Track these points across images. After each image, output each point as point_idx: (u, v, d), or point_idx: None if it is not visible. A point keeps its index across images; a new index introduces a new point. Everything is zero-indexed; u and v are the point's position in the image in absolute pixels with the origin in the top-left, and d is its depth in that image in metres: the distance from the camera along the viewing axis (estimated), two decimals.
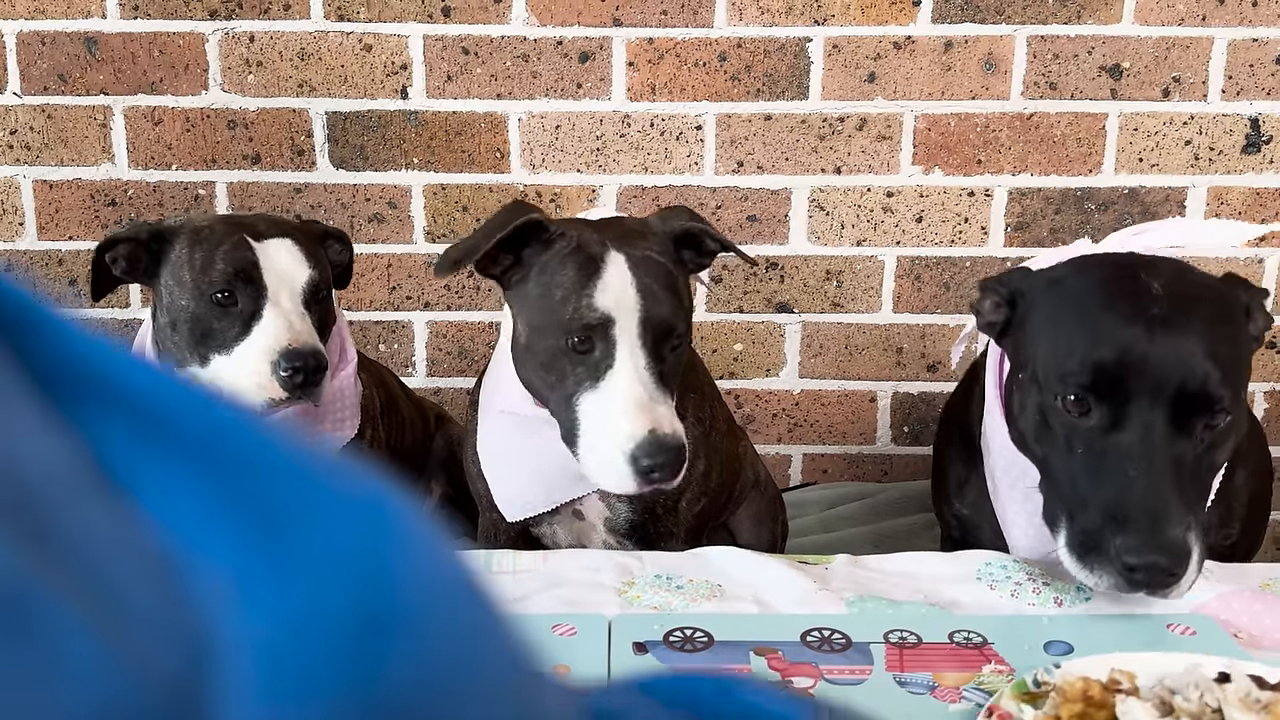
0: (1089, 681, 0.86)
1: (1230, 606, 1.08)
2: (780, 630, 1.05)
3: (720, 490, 1.56)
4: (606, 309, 1.21)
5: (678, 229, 1.31)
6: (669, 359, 1.25)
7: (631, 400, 1.19)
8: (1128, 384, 1.06)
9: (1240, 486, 1.30)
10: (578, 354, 1.23)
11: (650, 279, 1.23)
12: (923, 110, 2.18)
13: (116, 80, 2.17)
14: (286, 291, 1.48)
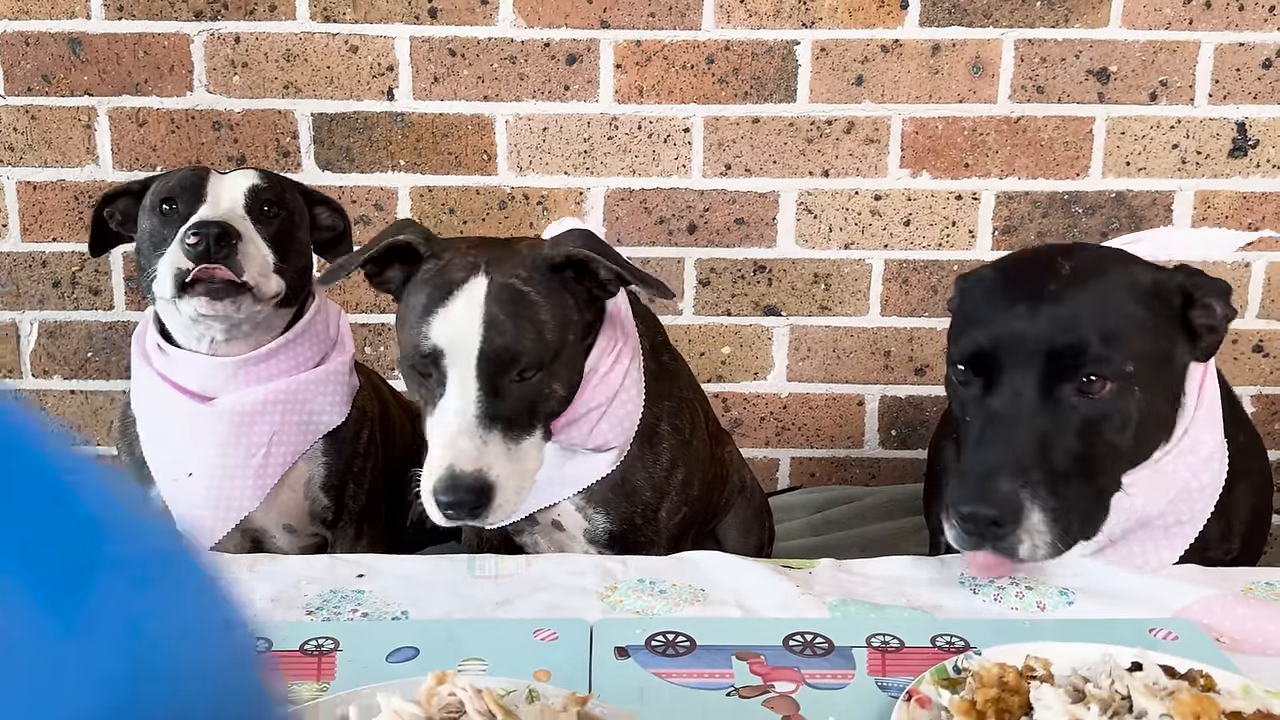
0: (1005, 668, 0.86)
1: (1213, 610, 1.08)
2: (762, 634, 1.04)
3: (703, 498, 1.55)
4: (439, 339, 1.20)
5: (559, 255, 1.26)
6: (511, 391, 1.21)
7: (444, 434, 1.19)
8: (1000, 356, 1.13)
9: (1240, 501, 1.28)
10: (421, 376, 1.25)
11: (499, 308, 1.20)
12: (910, 113, 2.17)
13: (101, 81, 2.16)
14: (228, 198, 1.49)
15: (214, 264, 1.41)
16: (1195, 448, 1.22)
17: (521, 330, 1.21)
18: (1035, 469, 1.08)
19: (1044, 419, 1.11)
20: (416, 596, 1.13)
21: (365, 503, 1.69)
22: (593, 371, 1.33)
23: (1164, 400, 1.18)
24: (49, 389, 2.30)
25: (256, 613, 1.09)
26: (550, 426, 1.30)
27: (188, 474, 1.53)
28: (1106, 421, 1.12)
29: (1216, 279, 1.18)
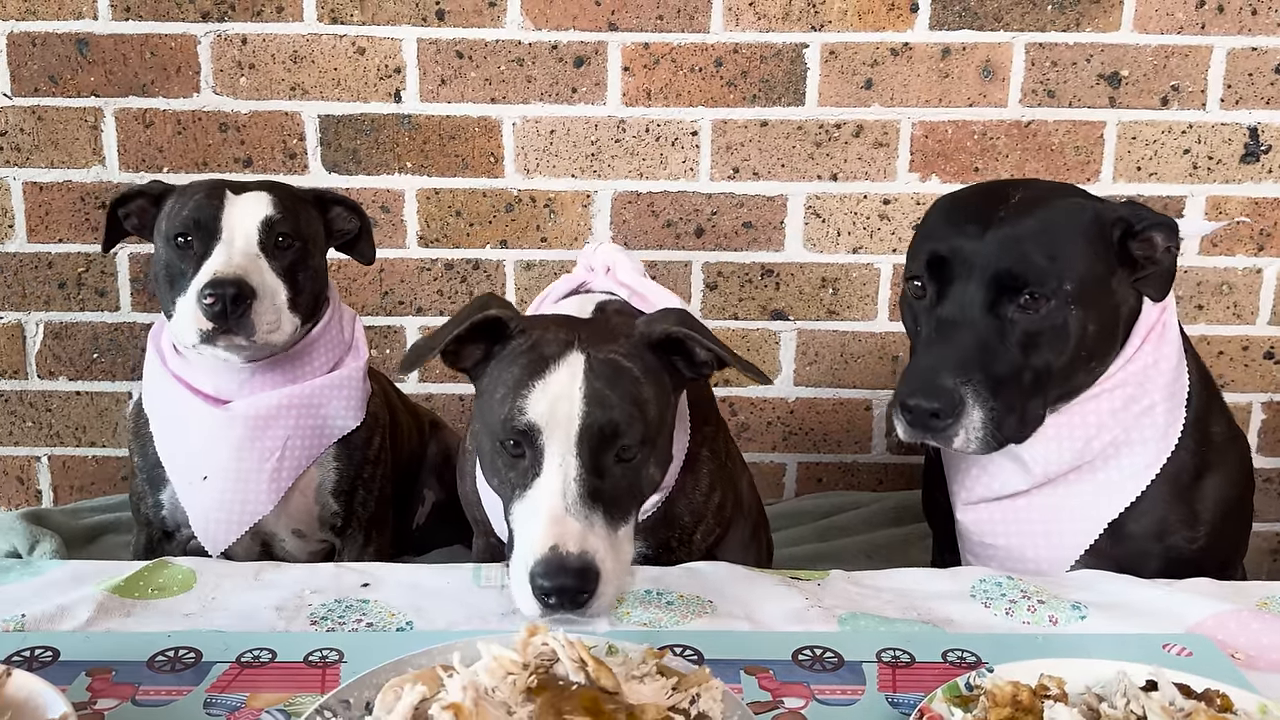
0: (1019, 686, 0.85)
1: (1227, 626, 1.07)
2: (771, 649, 1.03)
3: (733, 517, 1.51)
4: (537, 415, 1.11)
5: (658, 333, 1.18)
6: (613, 470, 1.12)
7: (544, 513, 1.07)
8: (952, 267, 1.23)
9: (1208, 491, 1.32)
10: (512, 457, 1.14)
11: (603, 383, 1.12)
12: (920, 117, 2.16)
13: (108, 82, 2.15)
14: (241, 234, 1.49)
15: (229, 327, 1.42)
16: (1138, 396, 1.27)
17: (625, 406, 1.12)
18: (977, 370, 1.18)
19: (987, 329, 1.21)
20: (421, 606, 1.12)
21: (374, 509, 1.69)
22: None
23: (1103, 324, 1.25)
24: (54, 390, 2.29)
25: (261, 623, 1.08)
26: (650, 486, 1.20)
27: (203, 478, 1.52)
28: (1045, 336, 1.21)
29: (1161, 214, 1.25)
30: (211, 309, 1.41)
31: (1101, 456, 1.27)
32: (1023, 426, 1.22)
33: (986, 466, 1.31)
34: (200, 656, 1.00)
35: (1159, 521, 1.29)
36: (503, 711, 0.77)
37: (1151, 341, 1.29)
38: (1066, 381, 1.25)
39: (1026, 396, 1.21)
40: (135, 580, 1.15)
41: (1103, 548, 1.28)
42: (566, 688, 0.81)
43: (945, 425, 1.18)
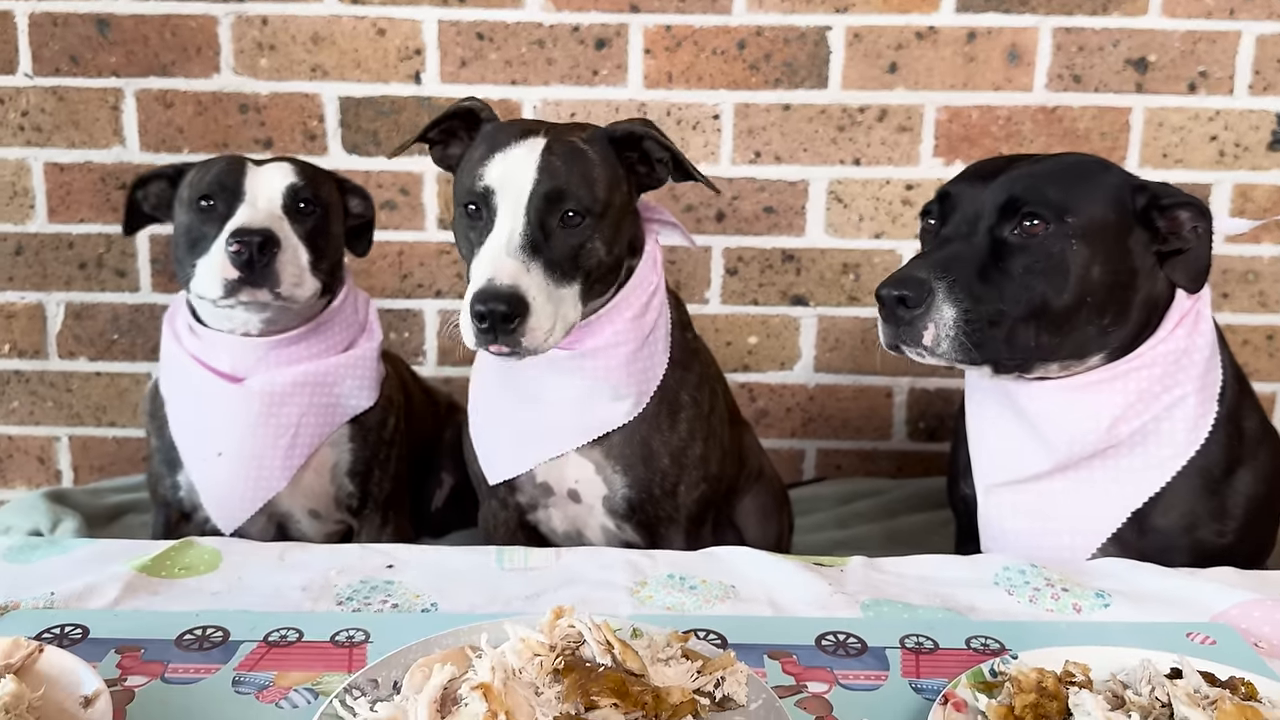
0: (1044, 673, 0.85)
1: (1251, 615, 1.06)
2: (795, 634, 1.03)
3: (720, 478, 1.55)
4: (493, 179, 1.28)
5: (619, 130, 1.36)
6: (558, 232, 1.28)
7: (488, 255, 1.25)
8: (958, 197, 1.28)
9: (1239, 485, 1.31)
10: (472, 220, 1.31)
11: (558, 158, 1.29)
12: (944, 101, 2.14)
13: (128, 62, 2.15)
14: (265, 197, 1.51)
15: (254, 279, 1.44)
16: (1169, 384, 1.27)
17: (573, 175, 1.29)
18: (956, 271, 1.19)
19: (981, 245, 1.23)
20: (445, 588, 1.12)
21: (390, 490, 1.69)
22: (626, 302, 1.40)
23: (1111, 275, 1.24)
24: (75, 370, 2.30)
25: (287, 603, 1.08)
26: (590, 293, 1.34)
27: (217, 454, 1.53)
28: (1041, 266, 1.21)
29: (1194, 197, 1.25)
30: (239, 256, 1.42)
31: (1128, 443, 1.26)
32: (1009, 350, 1.21)
33: (1009, 443, 1.31)
34: (228, 635, 1.01)
35: (1187, 515, 1.28)
36: (530, 692, 0.78)
37: (1185, 328, 1.27)
38: (1069, 327, 1.23)
39: (1015, 321, 1.21)
40: (162, 560, 1.16)
41: (1129, 539, 1.28)
42: (593, 669, 0.81)
43: (914, 316, 1.19)
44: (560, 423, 1.43)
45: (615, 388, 1.40)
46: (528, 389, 1.43)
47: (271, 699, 0.91)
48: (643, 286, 1.42)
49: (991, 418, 1.33)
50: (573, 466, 1.45)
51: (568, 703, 0.78)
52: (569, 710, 0.77)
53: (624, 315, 1.40)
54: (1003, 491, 1.31)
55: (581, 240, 1.30)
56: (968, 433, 1.39)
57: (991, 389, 1.34)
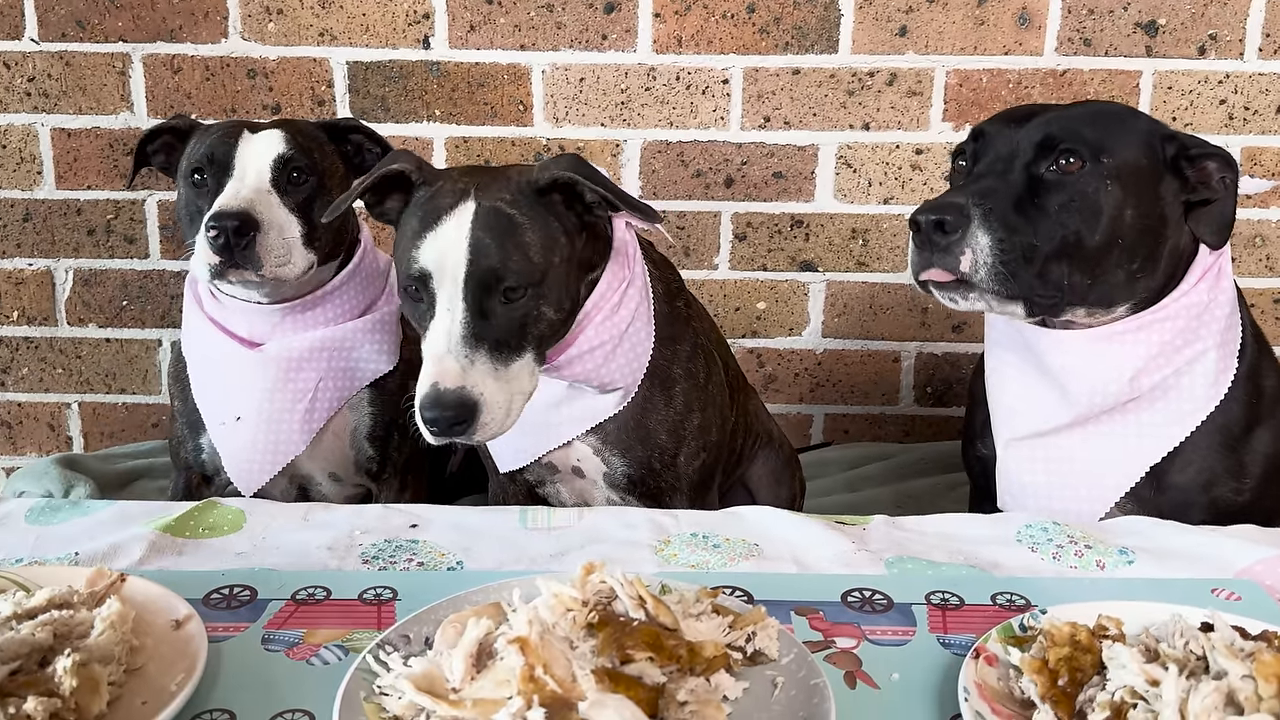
0: (1077, 627, 0.85)
1: (1275, 571, 1.07)
2: (820, 590, 1.04)
3: (722, 444, 1.55)
4: (426, 262, 1.23)
5: (545, 179, 1.27)
6: (498, 311, 1.23)
7: (430, 354, 1.21)
8: (994, 140, 1.28)
9: (1256, 444, 1.32)
10: (414, 301, 1.27)
11: (485, 231, 1.22)
12: (954, 65, 2.14)
13: (135, 27, 2.14)
14: (254, 171, 1.49)
15: (235, 261, 1.42)
16: (1190, 338, 1.28)
17: (506, 252, 1.22)
18: (993, 202, 1.19)
19: (1017, 180, 1.23)
20: (470, 547, 1.12)
21: (409, 455, 1.69)
22: (597, 308, 1.35)
23: (1142, 219, 1.25)
24: (84, 337, 2.30)
25: (313, 562, 1.09)
26: (545, 352, 1.30)
27: (236, 418, 1.53)
28: (1076, 204, 1.22)
29: (1221, 148, 1.26)
30: (215, 242, 1.41)
31: (1148, 397, 1.27)
32: (1042, 286, 1.22)
33: (1030, 396, 1.31)
34: (255, 594, 1.01)
35: (1206, 471, 1.28)
36: (565, 646, 0.78)
37: (1207, 282, 1.28)
38: (1100, 270, 1.24)
39: (1048, 258, 1.21)
40: (186, 520, 1.16)
41: (1146, 495, 1.28)
42: (627, 624, 0.82)
43: (950, 242, 1.18)
44: (555, 417, 1.42)
45: (600, 386, 1.39)
46: None
47: (302, 656, 0.92)
48: (611, 290, 1.37)
49: (1013, 372, 1.34)
50: (574, 450, 1.45)
51: (603, 656, 0.79)
52: (605, 663, 0.77)
53: (593, 323, 1.35)
54: (1022, 446, 1.32)
55: (525, 311, 1.25)
56: (988, 387, 1.39)
57: (1013, 343, 1.34)
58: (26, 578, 0.96)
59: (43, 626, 0.82)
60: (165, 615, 0.91)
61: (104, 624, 0.84)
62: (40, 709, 0.75)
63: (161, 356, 2.31)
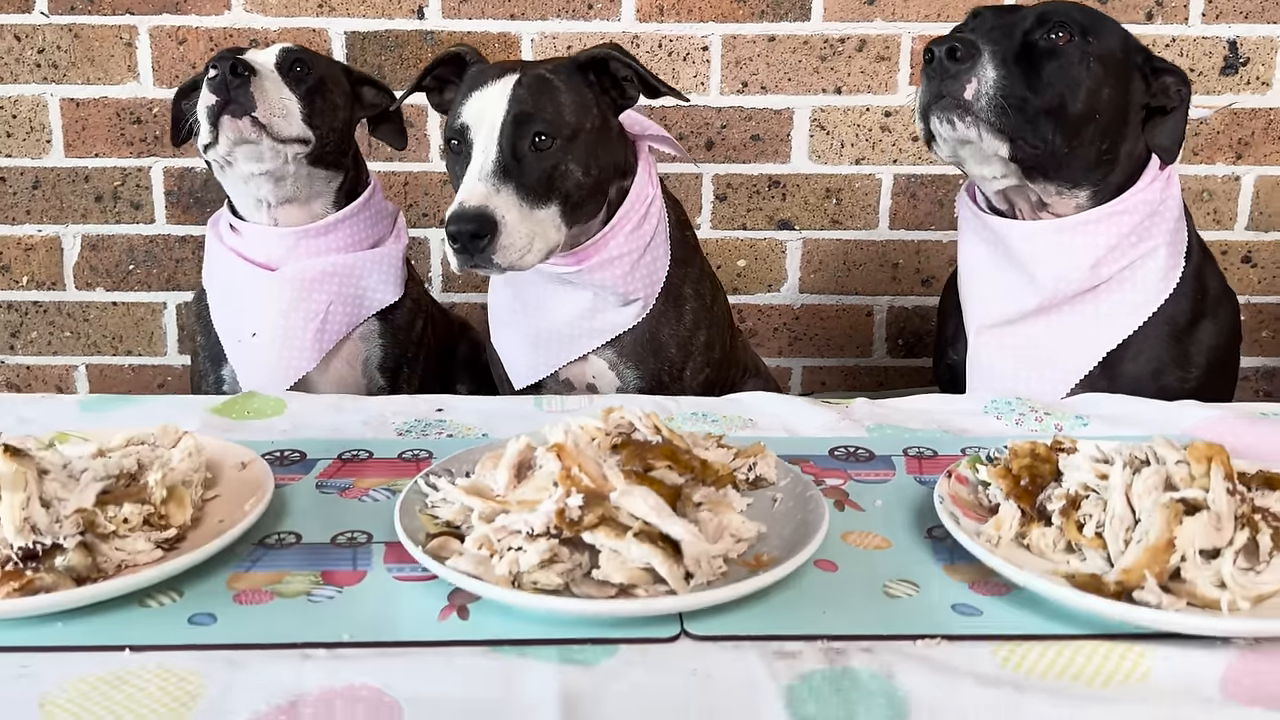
0: (1035, 443, 0.98)
1: (1216, 430, 1.20)
2: (809, 448, 1.15)
3: (723, 363, 1.69)
4: (469, 116, 1.40)
5: (584, 56, 1.47)
6: (528, 158, 1.38)
7: (463, 183, 1.36)
8: (989, 13, 1.43)
9: (1201, 337, 1.46)
10: (455, 155, 1.43)
11: (525, 89, 1.40)
12: (920, 31, 2.28)
13: (142, 1, 2.24)
14: (261, 58, 1.62)
15: (231, 97, 1.53)
16: (1143, 234, 1.42)
17: (540, 104, 1.39)
18: (1000, 47, 1.34)
19: (1015, 43, 1.36)
20: (492, 423, 1.24)
21: (418, 389, 1.80)
22: (626, 219, 1.50)
23: (1114, 101, 1.40)
24: (91, 300, 2.39)
25: (352, 434, 1.20)
26: (573, 214, 1.43)
27: (251, 334, 1.64)
28: (1063, 71, 1.36)
29: (1179, 68, 1.44)
30: (213, 81, 1.52)
31: (1105, 288, 1.40)
32: (1031, 132, 1.34)
33: (1000, 284, 1.44)
34: (304, 455, 1.12)
35: (1154, 360, 1.42)
36: (596, 453, 0.89)
37: (1158, 185, 1.43)
38: (1076, 140, 1.37)
39: (1037, 111, 1.34)
40: (232, 405, 1.27)
41: (1100, 384, 1.41)
42: (646, 443, 0.93)
43: (959, 70, 1.32)
44: (575, 330, 1.54)
45: (623, 295, 1.52)
46: (542, 301, 1.55)
47: (354, 495, 1.03)
48: (639, 200, 1.53)
49: (985, 265, 1.47)
50: (589, 365, 1.57)
51: (628, 466, 0.90)
52: (633, 468, 0.89)
53: (624, 229, 1.50)
54: (992, 332, 1.45)
55: (554, 162, 1.39)
56: (961, 285, 1.52)
57: (983, 239, 1.48)
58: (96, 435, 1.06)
59: (128, 455, 0.93)
60: (231, 460, 1.02)
61: (183, 453, 0.95)
62: (136, 514, 0.86)
63: (167, 319, 2.41)
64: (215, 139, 1.56)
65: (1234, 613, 0.79)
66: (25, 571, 0.79)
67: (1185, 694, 0.74)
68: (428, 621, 0.82)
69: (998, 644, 0.79)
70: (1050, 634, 0.80)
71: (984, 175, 1.41)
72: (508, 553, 0.83)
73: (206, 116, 1.55)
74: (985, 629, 0.81)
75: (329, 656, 0.77)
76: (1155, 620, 0.78)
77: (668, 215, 1.60)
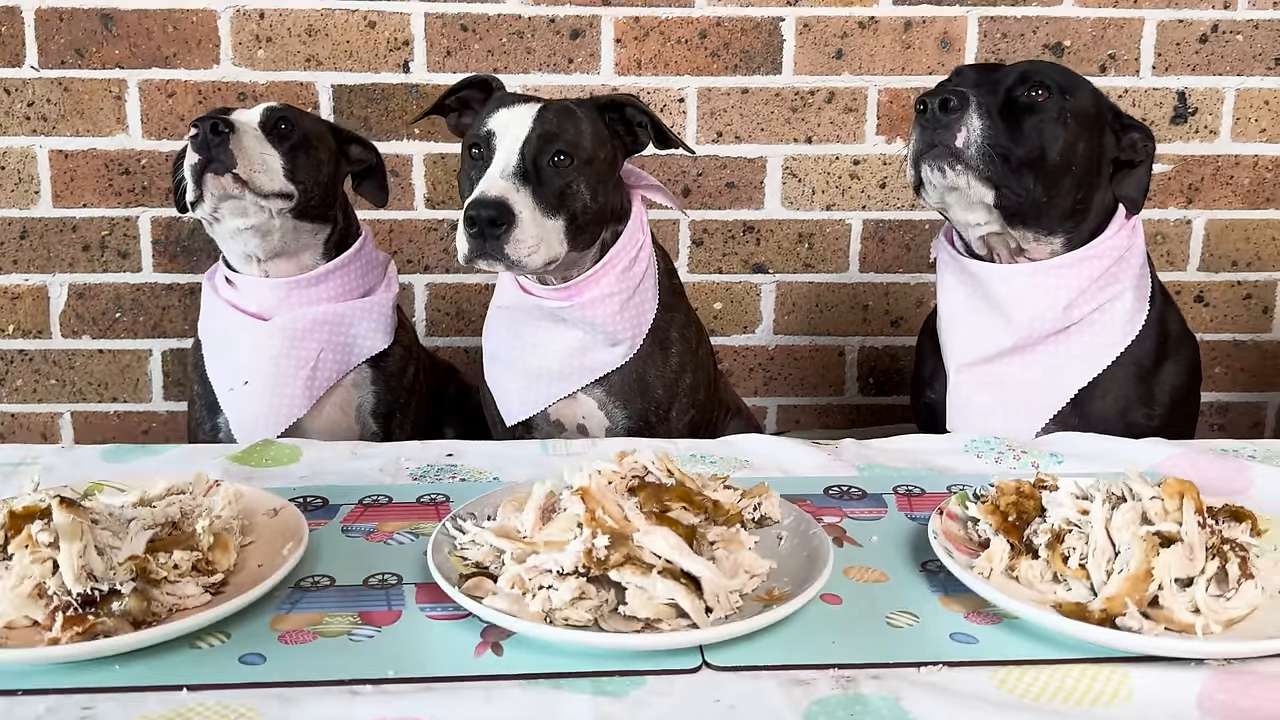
0: (1020, 481, 1.06)
1: (1180, 466, 1.28)
2: (805, 487, 1.23)
3: (708, 405, 1.76)
4: (495, 125, 1.52)
5: (604, 99, 1.61)
6: (546, 170, 1.49)
7: (483, 180, 1.46)
8: (980, 69, 1.54)
9: (1165, 377, 1.56)
10: (473, 160, 1.54)
11: (553, 112, 1.52)
12: (885, 84, 2.38)
13: (132, 54, 2.30)
14: (246, 117, 1.68)
15: (211, 158, 1.58)
16: (1112, 278, 1.51)
17: (563, 126, 1.51)
18: (986, 100, 1.44)
19: (999, 98, 1.46)
20: (503, 467, 1.30)
21: (410, 435, 1.85)
22: (618, 258, 1.59)
23: (1088, 157, 1.50)
24: (78, 348, 2.42)
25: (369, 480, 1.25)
26: (575, 236, 1.52)
27: (244, 382, 1.69)
28: (1042, 124, 1.46)
29: (1145, 125, 1.56)
30: (194, 140, 1.58)
31: (1076, 329, 1.49)
32: (1015, 181, 1.44)
33: (978, 324, 1.53)
34: (327, 501, 1.17)
35: (1122, 398, 1.51)
36: (617, 497, 0.96)
37: (1125, 233, 1.53)
38: (1055, 191, 1.47)
39: (1020, 162, 1.44)
40: (250, 453, 1.32)
41: (1071, 421, 1.50)
42: (661, 485, 1.00)
43: (950, 120, 1.41)
44: (565, 367, 1.61)
45: (611, 334, 1.59)
46: (535, 338, 1.62)
47: (379, 539, 1.08)
48: (630, 244, 1.62)
49: (963, 308, 1.55)
50: (579, 405, 1.64)
51: (646, 508, 0.96)
52: (652, 509, 0.95)
53: (615, 269, 1.59)
54: (970, 370, 1.53)
55: (568, 180, 1.50)
56: (940, 327, 1.61)
57: (963, 282, 1.56)
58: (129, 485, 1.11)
59: (171, 504, 0.98)
60: (262, 506, 1.07)
61: (223, 501, 1.00)
62: (185, 560, 0.91)
63: (153, 366, 2.44)
64: (200, 196, 1.62)
65: (1208, 636, 0.87)
66: (88, 617, 0.84)
67: (1165, 711, 0.82)
68: (465, 657, 0.87)
69: (994, 669, 0.86)
70: (1042, 659, 0.88)
71: (969, 221, 1.49)
72: (539, 591, 0.89)
73: (191, 175, 1.60)
74: (982, 655, 0.88)
75: (375, 692, 0.83)
76: (1137, 644, 0.86)
77: (656, 263, 1.68)
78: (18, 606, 0.85)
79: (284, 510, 1.06)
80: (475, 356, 2.44)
